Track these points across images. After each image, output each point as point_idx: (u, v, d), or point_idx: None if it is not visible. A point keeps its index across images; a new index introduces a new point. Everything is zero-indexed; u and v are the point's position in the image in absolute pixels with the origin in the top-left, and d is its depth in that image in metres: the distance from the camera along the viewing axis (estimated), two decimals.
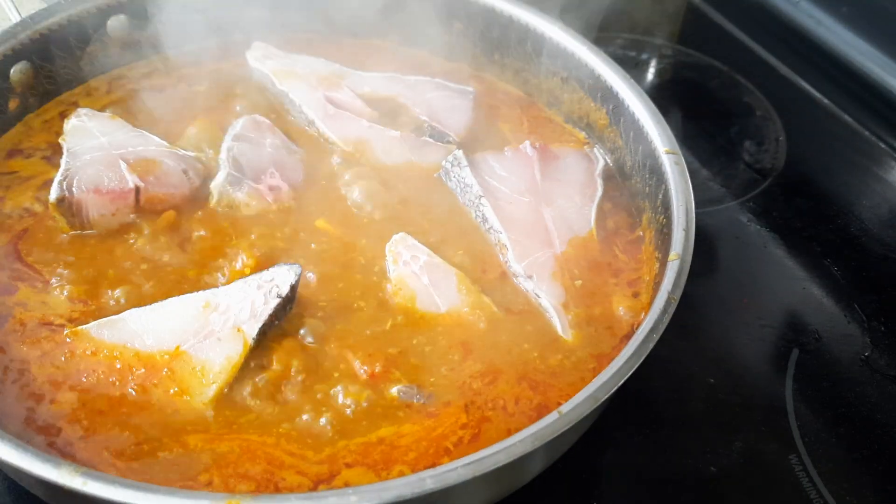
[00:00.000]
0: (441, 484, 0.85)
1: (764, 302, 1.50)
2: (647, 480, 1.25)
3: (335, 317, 1.20)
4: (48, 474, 0.86)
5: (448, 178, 1.41)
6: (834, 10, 2.02)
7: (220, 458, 1.03)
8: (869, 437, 1.32)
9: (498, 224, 1.32)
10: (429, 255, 1.26)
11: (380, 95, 1.54)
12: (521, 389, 1.14)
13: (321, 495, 0.83)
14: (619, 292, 1.28)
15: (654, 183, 1.33)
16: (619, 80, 1.45)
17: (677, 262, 1.13)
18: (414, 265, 1.25)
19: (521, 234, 1.32)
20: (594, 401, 0.95)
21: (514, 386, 1.14)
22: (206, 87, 1.56)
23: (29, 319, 1.16)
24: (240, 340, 1.12)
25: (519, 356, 1.18)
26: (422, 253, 1.26)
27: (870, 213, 1.69)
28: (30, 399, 1.08)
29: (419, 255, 1.26)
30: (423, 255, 1.26)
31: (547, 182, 1.40)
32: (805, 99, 1.97)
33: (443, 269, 1.25)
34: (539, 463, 1.08)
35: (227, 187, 1.32)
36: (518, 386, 1.14)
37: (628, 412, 1.26)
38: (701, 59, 2.04)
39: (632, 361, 0.99)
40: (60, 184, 1.26)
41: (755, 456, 1.28)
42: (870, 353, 1.43)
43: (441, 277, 1.24)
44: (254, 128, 1.42)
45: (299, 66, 1.57)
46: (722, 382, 1.36)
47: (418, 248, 1.27)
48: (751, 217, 1.65)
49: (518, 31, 1.59)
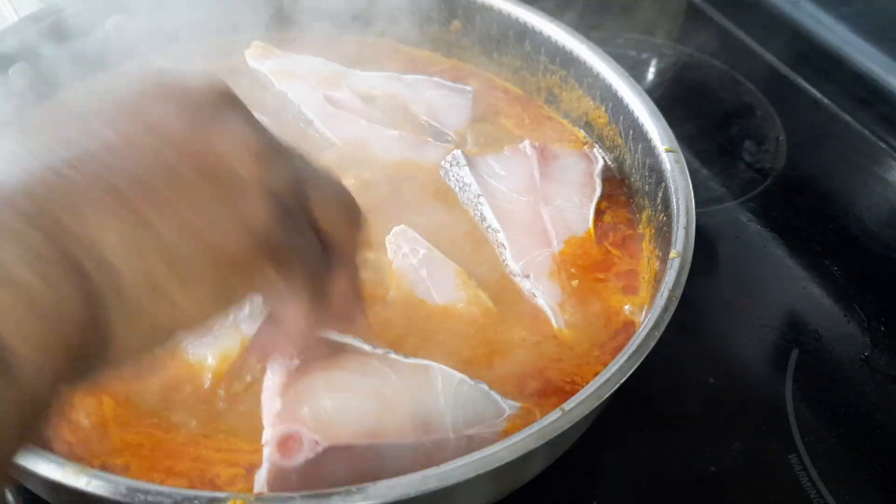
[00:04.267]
0: (444, 482, 0.85)
1: (764, 302, 1.50)
2: (647, 480, 1.24)
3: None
4: (51, 474, 0.85)
5: (447, 177, 1.41)
6: (835, 9, 2.02)
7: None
8: (869, 437, 1.32)
9: (496, 223, 1.32)
10: (428, 249, 1.26)
11: (378, 94, 1.54)
12: (511, 387, 1.13)
13: (324, 494, 0.83)
14: (618, 291, 1.28)
15: (653, 181, 1.33)
16: (617, 77, 1.45)
17: (678, 259, 1.13)
18: (413, 258, 1.25)
19: (519, 233, 1.31)
20: (598, 398, 0.94)
21: (505, 383, 1.13)
22: None
23: None
24: (237, 339, 1.11)
25: (513, 354, 1.18)
26: (421, 246, 1.26)
27: (870, 213, 1.69)
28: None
29: (419, 248, 1.26)
30: (422, 248, 1.26)
31: (546, 182, 1.39)
32: (805, 99, 1.97)
33: (441, 263, 1.25)
34: (541, 461, 1.07)
35: None
36: (509, 384, 1.14)
37: (628, 412, 1.25)
38: (701, 59, 2.04)
39: (634, 358, 0.98)
40: None
41: (755, 456, 1.27)
42: (870, 353, 1.43)
43: (439, 271, 1.24)
44: None
45: (298, 66, 1.56)
46: (722, 382, 1.36)
47: (418, 241, 1.27)
48: (751, 217, 1.65)
49: (517, 29, 1.59)
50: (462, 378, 1.06)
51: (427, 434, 1.01)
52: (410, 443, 1.00)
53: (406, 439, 1.00)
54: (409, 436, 1.00)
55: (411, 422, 1.02)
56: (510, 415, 1.04)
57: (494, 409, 1.05)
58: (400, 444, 1.00)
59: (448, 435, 1.01)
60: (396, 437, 1.00)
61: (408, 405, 1.02)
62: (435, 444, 1.01)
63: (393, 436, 1.00)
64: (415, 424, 1.01)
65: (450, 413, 1.03)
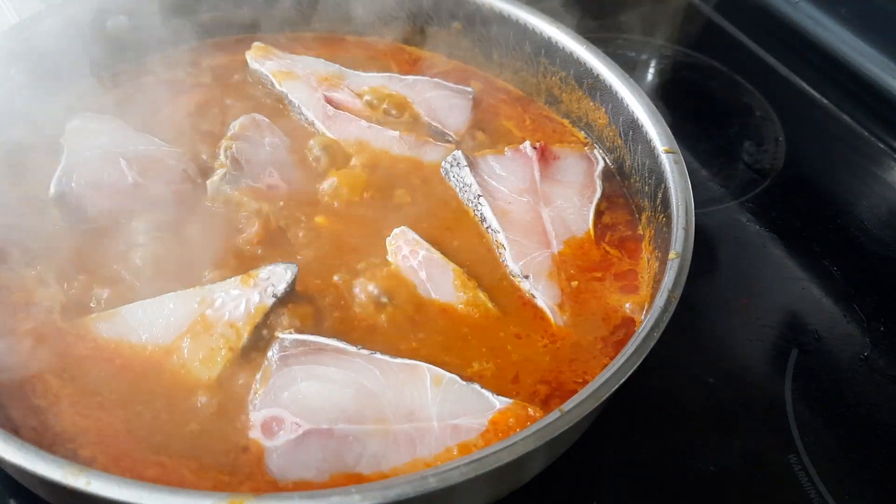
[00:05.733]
0: (443, 483, 0.85)
1: (763, 302, 1.50)
2: (647, 480, 1.25)
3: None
4: (52, 474, 0.86)
5: (448, 177, 1.41)
6: (833, 10, 2.02)
7: None
8: (868, 437, 1.32)
9: (496, 223, 1.32)
10: (428, 250, 1.26)
11: (379, 95, 1.54)
12: (507, 385, 1.14)
13: (324, 494, 0.83)
14: (617, 292, 1.28)
15: (653, 182, 1.33)
16: (617, 78, 1.46)
17: (677, 260, 1.13)
18: (413, 259, 1.25)
19: (519, 233, 1.32)
20: (596, 399, 0.95)
21: (501, 381, 1.14)
22: (205, 86, 1.56)
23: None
24: (234, 337, 1.12)
25: (512, 354, 1.18)
26: (421, 247, 1.26)
27: (869, 213, 1.69)
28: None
29: (418, 250, 1.26)
30: (422, 250, 1.26)
31: (546, 182, 1.40)
32: (804, 99, 1.97)
33: (441, 265, 1.25)
34: (540, 461, 1.08)
35: (223, 185, 1.32)
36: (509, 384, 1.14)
37: (628, 412, 1.25)
38: (701, 60, 2.05)
39: (633, 359, 0.99)
40: (60, 179, 1.26)
41: (755, 456, 1.28)
42: (869, 353, 1.43)
43: (439, 272, 1.25)
44: (253, 127, 1.42)
45: (299, 67, 1.57)
46: (721, 382, 1.36)
47: (418, 243, 1.27)
48: (750, 217, 1.65)
49: (517, 30, 1.59)
50: (452, 377, 1.08)
51: (410, 422, 1.05)
52: (392, 429, 1.04)
53: (386, 425, 1.04)
54: (389, 422, 1.04)
55: (393, 410, 1.05)
56: (500, 409, 1.06)
57: (484, 404, 1.07)
58: (380, 429, 1.04)
59: (432, 424, 1.04)
60: (376, 423, 1.04)
61: (391, 397, 1.06)
62: (417, 430, 1.04)
63: (373, 422, 1.04)
64: (397, 413, 1.05)
65: (436, 406, 1.06)
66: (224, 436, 1.05)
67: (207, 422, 1.06)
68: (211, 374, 1.10)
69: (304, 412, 1.04)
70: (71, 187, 1.26)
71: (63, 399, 1.07)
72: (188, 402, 1.08)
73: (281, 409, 1.05)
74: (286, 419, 1.04)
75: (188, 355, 1.11)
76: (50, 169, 1.29)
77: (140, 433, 1.05)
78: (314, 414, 1.04)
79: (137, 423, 1.06)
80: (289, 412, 1.04)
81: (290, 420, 1.03)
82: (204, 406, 1.07)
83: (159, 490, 0.84)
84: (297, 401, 1.05)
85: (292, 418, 1.03)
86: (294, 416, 1.04)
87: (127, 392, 1.09)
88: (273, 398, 1.06)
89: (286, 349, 1.10)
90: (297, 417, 1.03)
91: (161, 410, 1.07)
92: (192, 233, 1.28)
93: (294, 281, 1.16)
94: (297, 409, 1.04)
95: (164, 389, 1.09)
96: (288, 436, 1.02)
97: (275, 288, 1.15)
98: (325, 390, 1.06)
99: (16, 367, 1.11)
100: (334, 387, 1.07)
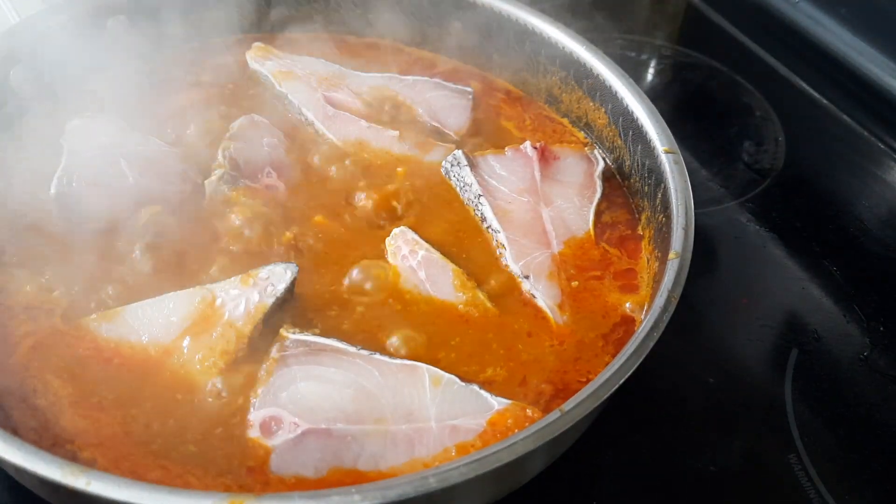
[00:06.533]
0: (444, 483, 0.85)
1: (763, 302, 1.50)
2: (647, 480, 1.25)
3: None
4: (52, 474, 0.86)
5: (448, 177, 1.41)
6: (833, 10, 2.02)
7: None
8: (868, 437, 1.32)
9: (496, 223, 1.32)
10: (427, 250, 1.26)
11: (379, 95, 1.54)
12: (506, 384, 1.14)
13: (324, 493, 0.83)
14: (616, 291, 1.28)
15: (653, 182, 1.33)
16: (617, 79, 1.46)
17: (677, 260, 1.13)
18: (412, 259, 1.25)
19: (519, 233, 1.32)
20: (596, 398, 0.95)
21: (500, 380, 1.14)
22: (205, 87, 1.56)
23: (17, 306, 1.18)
24: (234, 337, 1.12)
25: (511, 352, 1.18)
26: (421, 247, 1.26)
27: (869, 213, 1.69)
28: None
29: (418, 250, 1.26)
30: (421, 250, 1.26)
31: (546, 182, 1.40)
32: (804, 99, 1.97)
33: (440, 265, 1.25)
34: (540, 461, 1.08)
35: (221, 185, 1.32)
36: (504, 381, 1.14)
37: (628, 412, 1.26)
38: (701, 60, 2.05)
39: (633, 359, 0.99)
40: (60, 179, 1.26)
41: (754, 456, 1.28)
42: (869, 353, 1.43)
43: (438, 272, 1.25)
44: (251, 127, 1.42)
45: (299, 67, 1.57)
46: (721, 382, 1.36)
47: (418, 243, 1.27)
48: (750, 217, 1.66)
49: (517, 30, 1.59)
50: (451, 378, 1.09)
51: (409, 422, 1.05)
52: (390, 429, 1.04)
53: (385, 426, 1.04)
54: (388, 423, 1.05)
55: (391, 411, 1.06)
56: (498, 410, 1.06)
57: (482, 405, 1.07)
58: (379, 430, 1.04)
59: (430, 424, 1.05)
60: (375, 423, 1.05)
61: (390, 397, 1.07)
62: (416, 431, 1.05)
63: (371, 422, 1.05)
64: (395, 414, 1.06)
65: (435, 406, 1.06)
66: (224, 436, 1.05)
67: (207, 422, 1.06)
68: (211, 374, 1.09)
69: (303, 412, 1.04)
70: (71, 187, 1.26)
71: (63, 399, 1.07)
72: (188, 402, 1.08)
73: (280, 408, 1.05)
74: (285, 419, 1.04)
75: (188, 355, 1.11)
76: (50, 169, 1.28)
77: (139, 434, 1.05)
78: (313, 414, 1.04)
79: (136, 423, 1.06)
80: (288, 412, 1.04)
81: (288, 420, 1.04)
82: (204, 406, 1.07)
83: (159, 490, 0.84)
84: (296, 401, 1.06)
85: (291, 418, 1.04)
86: (293, 416, 1.04)
87: (127, 392, 1.09)
88: (272, 398, 1.06)
89: (286, 349, 1.10)
90: (296, 417, 1.04)
91: (161, 410, 1.07)
92: (192, 233, 1.28)
93: (294, 281, 1.16)
94: (295, 408, 1.05)
95: (164, 389, 1.09)
96: (286, 435, 1.03)
97: (275, 287, 1.15)
98: (324, 390, 1.07)
99: (16, 367, 1.11)
100: (333, 387, 1.07)
